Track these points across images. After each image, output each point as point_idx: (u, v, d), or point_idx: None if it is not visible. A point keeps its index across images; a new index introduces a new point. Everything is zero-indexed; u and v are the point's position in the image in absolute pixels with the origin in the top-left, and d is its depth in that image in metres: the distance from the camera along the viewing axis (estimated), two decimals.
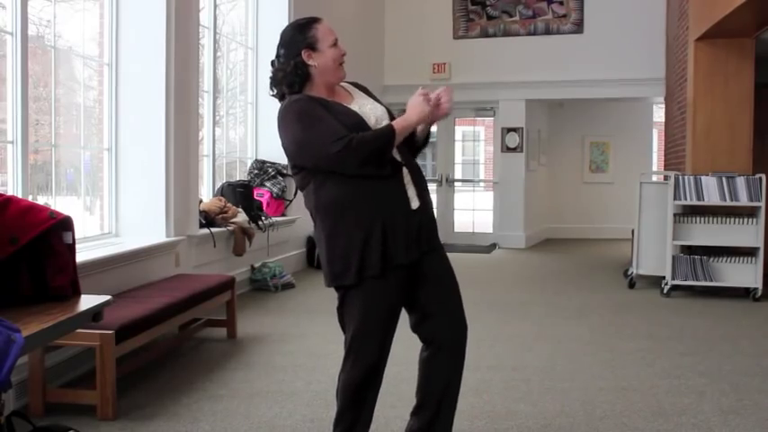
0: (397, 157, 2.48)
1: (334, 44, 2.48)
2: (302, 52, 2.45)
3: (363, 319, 2.46)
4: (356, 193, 2.41)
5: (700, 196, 6.40)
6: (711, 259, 6.50)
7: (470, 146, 13.55)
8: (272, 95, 2.58)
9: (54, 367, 3.59)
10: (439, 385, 2.59)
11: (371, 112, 2.53)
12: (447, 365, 2.59)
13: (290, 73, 2.47)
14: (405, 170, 2.48)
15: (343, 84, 2.61)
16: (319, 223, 2.49)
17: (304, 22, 2.52)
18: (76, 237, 2.76)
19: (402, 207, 2.45)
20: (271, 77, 2.54)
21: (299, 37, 2.47)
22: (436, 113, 2.54)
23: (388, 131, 2.41)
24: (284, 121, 2.45)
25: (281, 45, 2.52)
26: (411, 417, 2.69)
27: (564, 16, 10.19)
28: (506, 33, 10.37)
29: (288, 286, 6.68)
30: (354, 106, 2.52)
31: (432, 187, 11.15)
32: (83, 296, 2.71)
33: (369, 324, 2.47)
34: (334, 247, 2.44)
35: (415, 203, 2.47)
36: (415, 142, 2.62)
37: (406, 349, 3.05)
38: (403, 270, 2.46)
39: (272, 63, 2.56)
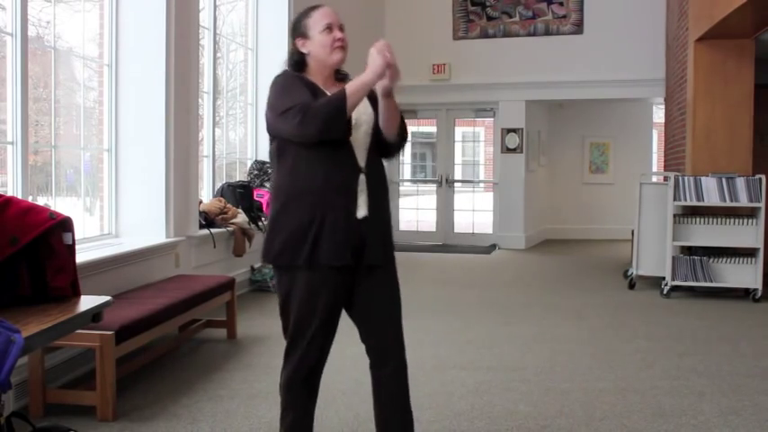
0: (361, 162, 2.43)
1: (328, 29, 2.47)
2: (296, 40, 2.53)
3: (296, 309, 2.44)
4: (313, 179, 2.38)
5: (699, 197, 6.40)
6: (711, 260, 6.50)
7: (470, 146, 13.57)
8: None
9: (54, 368, 3.60)
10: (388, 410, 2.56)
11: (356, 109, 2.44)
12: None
13: (290, 59, 2.54)
14: (362, 177, 2.42)
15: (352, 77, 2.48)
16: (273, 199, 2.49)
17: (303, 10, 2.57)
18: (76, 237, 2.77)
19: (348, 211, 2.39)
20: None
21: (295, 25, 2.55)
22: (391, 73, 2.43)
23: (339, 94, 2.34)
24: (269, 91, 2.48)
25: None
26: None
27: (564, 17, 10.20)
28: (506, 34, 10.37)
29: None
30: None
31: (432, 188, 11.30)
32: (83, 297, 2.71)
33: (300, 315, 2.45)
34: (280, 224, 2.41)
35: (361, 212, 2.40)
36: (384, 140, 2.50)
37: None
38: (335, 271, 2.40)
39: None
